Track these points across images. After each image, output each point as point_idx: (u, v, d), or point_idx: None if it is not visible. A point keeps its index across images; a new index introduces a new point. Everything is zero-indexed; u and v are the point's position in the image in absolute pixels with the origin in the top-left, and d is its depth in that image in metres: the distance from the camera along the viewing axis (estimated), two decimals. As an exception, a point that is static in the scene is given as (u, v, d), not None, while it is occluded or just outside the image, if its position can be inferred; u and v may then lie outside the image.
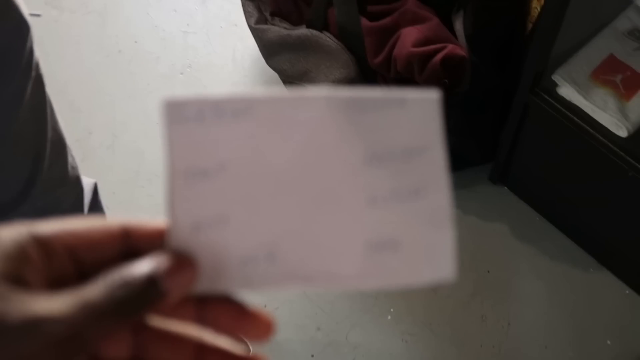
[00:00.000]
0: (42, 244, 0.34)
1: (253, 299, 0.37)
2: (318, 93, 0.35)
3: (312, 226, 0.36)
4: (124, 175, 1.71)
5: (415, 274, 0.36)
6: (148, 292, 0.33)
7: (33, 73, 0.79)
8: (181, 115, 0.35)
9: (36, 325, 0.31)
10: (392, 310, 1.50)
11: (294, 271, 0.36)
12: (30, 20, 0.77)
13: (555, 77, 1.39)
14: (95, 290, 0.32)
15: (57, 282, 0.34)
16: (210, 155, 0.35)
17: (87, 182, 1.02)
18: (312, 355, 1.45)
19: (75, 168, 0.95)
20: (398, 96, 0.36)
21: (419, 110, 0.36)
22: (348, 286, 0.36)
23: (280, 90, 0.33)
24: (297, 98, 0.35)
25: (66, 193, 0.94)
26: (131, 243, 0.36)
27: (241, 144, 0.35)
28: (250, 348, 0.38)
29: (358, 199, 0.36)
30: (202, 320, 0.36)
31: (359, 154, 0.35)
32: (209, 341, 0.36)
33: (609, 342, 1.47)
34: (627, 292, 1.54)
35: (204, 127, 0.35)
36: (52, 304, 0.31)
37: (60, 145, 0.90)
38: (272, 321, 0.36)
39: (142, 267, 0.34)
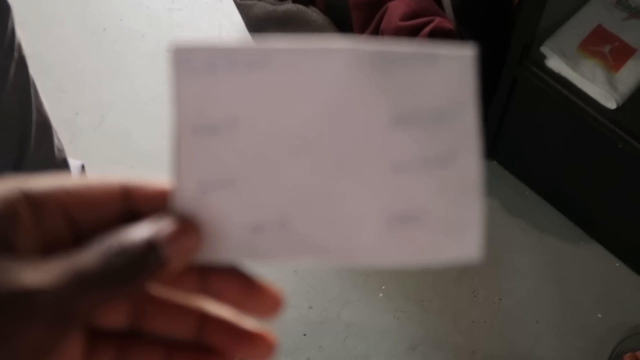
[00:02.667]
0: (34, 202, 0.31)
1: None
2: (342, 45, 0.32)
3: (329, 193, 0.33)
4: (112, 155, 1.70)
5: (438, 250, 0.33)
6: (147, 259, 0.30)
7: (15, 55, 0.78)
8: (191, 64, 0.32)
9: (24, 298, 0.28)
10: (383, 287, 1.50)
11: (307, 242, 0.33)
12: (11, 1, 0.76)
13: (544, 49, 1.38)
14: (89, 257, 0.30)
15: (49, 246, 0.31)
16: (221, 109, 0.32)
17: (74, 164, 1.01)
18: (305, 334, 1.45)
19: (61, 150, 0.94)
20: (429, 51, 0.32)
21: (452, 68, 0.33)
22: (365, 261, 0.33)
23: (300, 39, 0.31)
24: (319, 49, 0.32)
25: (53, 176, 0.93)
26: (131, 204, 0.33)
27: (255, 98, 0.32)
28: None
29: (382, 164, 0.33)
30: (205, 292, 0.34)
31: (384, 115, 0.32)
32: (212, 312, 0.34)
33: (600, 315, 1.48)
34: (618, 264, 1.54)
35: (215, 78, 0.32)
36: (42, 274, 0.29)
37: (45, 128, 0.89)
38: (281, 296, 0.34)
39: (142, 231, 0.31)
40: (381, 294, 1.50)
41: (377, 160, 0.33)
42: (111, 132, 1.74)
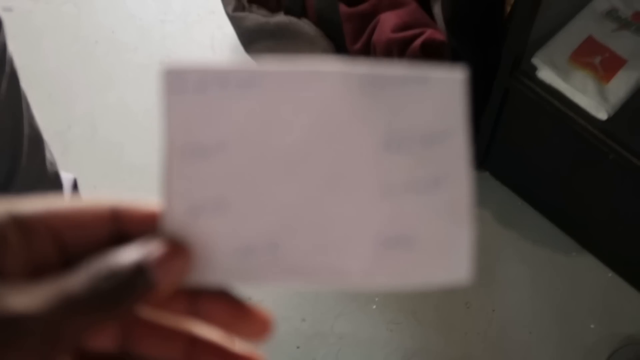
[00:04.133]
0: (23, 226, 0.31)
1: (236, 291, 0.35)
2: (333, 67, 0.32)
3: (319, 216, 0.33)
4: (105, 168, 1.70)
5: (427, 273, 0.33)
6: (136, 282, 0.30)
7: (7, 69, 0.78)
8: (181, 86, 0.32)
9: (12, 323, 0.28)
10: (377, 299, 1.50)
11: (297, 265, 0.33)
12: (3, 15, 0.76)
13: (535, 61, 1.39)
14: (77, 281, 0.30)
15: (37, 269, 0.31)
16: (212, 131, 0.32)
17: (66, 178, 1.00)
18: (298, 347, 1.45)
19: (53, 164, 0.94)
20: (420, 74, 0.32)
21: (443, 91, 0.33)
22: (355, 284, 0.33)
23: (290, 61, 0.31)
24: (310, 72, 0.32)
25: (45, 190, 0.93)
26: (121, 226, 0.33)
27: (245, 120, 0.32)
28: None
29: (372, 187, 0.33)
30: (194, 315, 0.34)
31: (375, 137, 0.32)
32: (201, 335, 0.34)
33: (592, 325, 1.48)
34: (610, 275, 1.54)
35: (206, 100, 0.32)
36: (30, 298, 0.29)
37: (37, 141, 0.89)
38: (270, 319, 0.34)
39: (130, 254, 0.31)
40: (374, 306, 1.49)
41: (367, 183, 0.33)
42: (103, 144, 1.74)
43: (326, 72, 0.32)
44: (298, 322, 1.47)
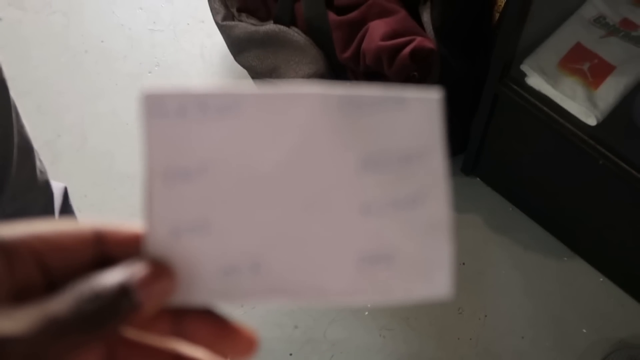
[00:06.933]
0: (6, 250, 0.31)
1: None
2: (311, 90, 0.33)
3: (300, 235, 0.33)
4: (95, 177, 1.69)
5: (409, 289, 0.34)
6: (120, 303, 0.30)
7: (-4, 79, 0.78)
8: (161, 110, 0.32)
9: None
10: (369, 305, 1.49)
11: (279, 284, 0.33)
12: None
13: (524, 67, 1.39)
14: (61, 303, 0.30)
15: (21, 293, 0.31)
16: (192, 154, 0.33)
17: (56, 187, 1.00)
18: (291, 354, 1.44)
19: (43, 172, 0.94)
20: (397, 95, 0.33)
21: (419, 111, 0.33)
22: (337, 301, 0.34)
23: (268, 85, 0.32)
24: (288, 95, 0.33)
25: (35, 198, 0.93)
26: (104, 249, 0.33)
27: (226, 143, 0.33)
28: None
29: (351, 207, 0.33)
30: (178, 334, 0.34)
31: (353, 158, 0.33)
32: (186, 354, 0.34)
33: (584, 330, 1.48)
34: (601, 279, 1.55)
35: (186, 124, 0.32)
36: (15, 322, 0.29)
37: (27, 150, 0.88)
38: (254, 337, 0.34)
39: (114, 276, 0.31)
40: (367, 312, 1.49)
41: (346, 202, 0.33)
42: (93, 153, 1.73)
43: (304, 95, 0.33)
44: (291, 329, 1.47)
